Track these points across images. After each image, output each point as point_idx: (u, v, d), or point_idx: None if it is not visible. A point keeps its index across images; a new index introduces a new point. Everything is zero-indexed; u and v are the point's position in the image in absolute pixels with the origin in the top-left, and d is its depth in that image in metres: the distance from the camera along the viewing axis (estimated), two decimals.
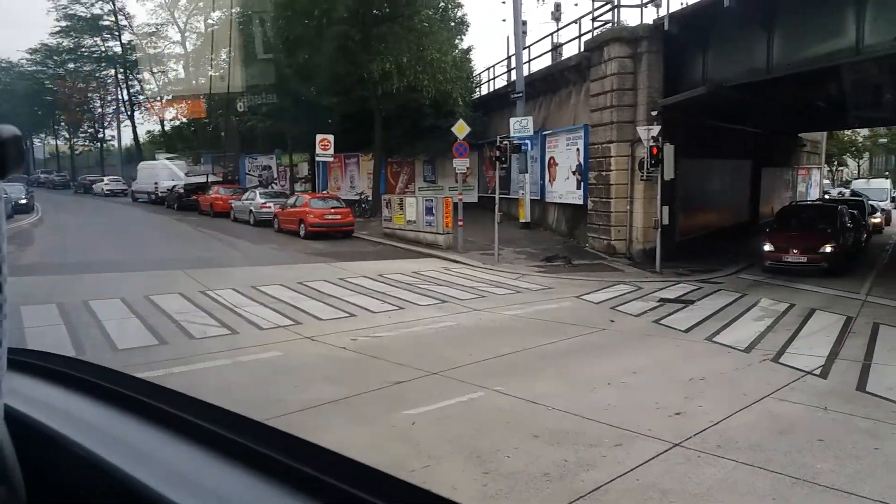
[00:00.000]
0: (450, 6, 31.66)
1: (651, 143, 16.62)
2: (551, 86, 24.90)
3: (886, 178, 42.47)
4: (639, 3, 18.88)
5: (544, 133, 24.28)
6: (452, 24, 32.29)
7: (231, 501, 0.72)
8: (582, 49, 21.87)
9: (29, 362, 1.17)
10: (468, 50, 34.33)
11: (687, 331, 10.48)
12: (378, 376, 7.75)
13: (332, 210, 22.22)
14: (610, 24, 20.33)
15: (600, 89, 19.42)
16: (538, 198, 24.73)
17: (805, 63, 14.02)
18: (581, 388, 7.52)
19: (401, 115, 29.55)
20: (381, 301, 12.35)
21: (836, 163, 65.71)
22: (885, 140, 60.27)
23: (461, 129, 19.82)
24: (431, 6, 29.44)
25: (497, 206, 18.16)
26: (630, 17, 20.47)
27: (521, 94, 24.82)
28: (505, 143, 18.08)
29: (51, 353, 1.35)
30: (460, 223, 19.60)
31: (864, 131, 61.47)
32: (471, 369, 8.12)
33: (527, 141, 23.39)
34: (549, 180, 23.75)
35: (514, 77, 26.91)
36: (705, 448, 5.82)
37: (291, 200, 23.64)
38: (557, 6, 34.04)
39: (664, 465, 5.53)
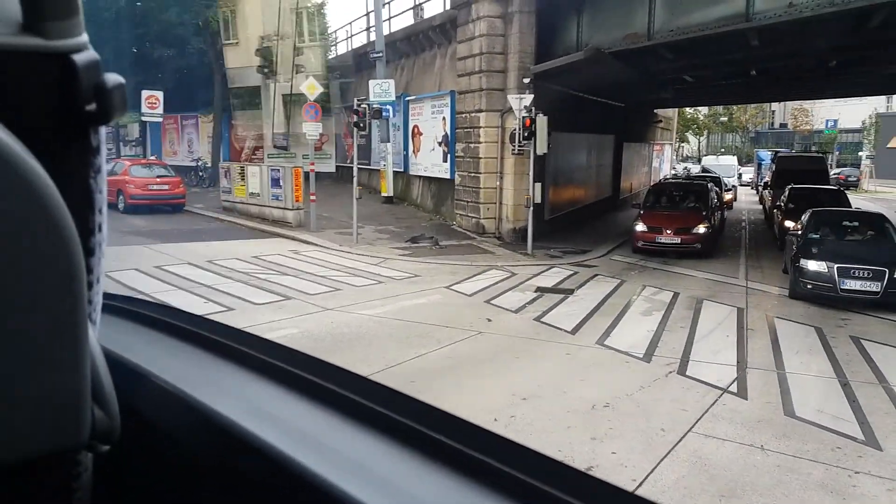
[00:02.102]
0: None
1: (524, 114, 15.08)
2: (414, 47, 22.81)
3: (734, 156, 44.61)
4: None
5: (407, 99, 22.22)
6: None
7: (310, 434, 0.74)
8: (447, 7, 19.95)
9: (113, 305, 1.21)
10: (322, 4, 31.34)
11: (574, 331, 8.98)
12: None
13: (159, 179, 18.92)
14: None
15: (468, 52, 17.62)
16: (401, 170, 22.73)
17: (690, 30, 12.93)
18: None
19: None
20: (205, 299, 9.85)
21: (678, 139, 69.14)
22: (725, 119, 63.97)
23: (312, 88, 17.30)
24: None
25: (356, 179, 15.93)
26: None
27: (380, 54, 22.53)
28: (363, 106, 15.82)
29: (134, 298, 1.38)
30: (313, 197, 17.20)
31: (705, 110, 65.03)
32: None
33: (388, 107, 21.25)
34: (414, 151, 21.79)
35: (373, 37, 24.56)
36: None
37: (109, 167, 19.89)
38: None
39: None
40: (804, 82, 21.06)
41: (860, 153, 52.35)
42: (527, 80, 16.16)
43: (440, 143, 19.79)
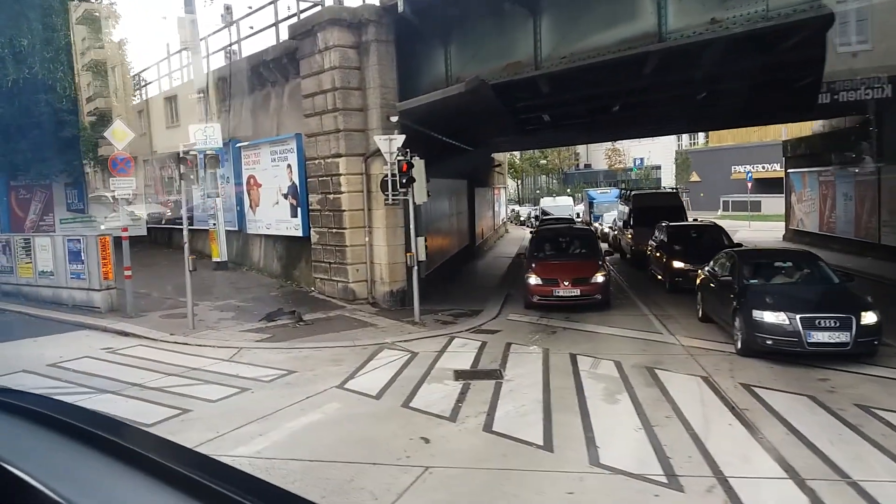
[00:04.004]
0: None
1: (399, 158, 12.67)
2: (242, 87, 19.63)
3: (569, 196, 45.44)
4: None
5: (239, 145, 18.90)
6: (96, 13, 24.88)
7: None
8: (282, 38, 17.19)
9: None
10: (121, 43, 26.96)
11: (549, 446, 6.46)
12: None
13: None
14: (320, 7, 15.97)
15: (317, 87, 14.93)
16: (235, 228, 19.24)
17: (586, 55, 11.32)
18: None
19: (26, 121, 21.28)
20: None
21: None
22: (544, 161, 66.28)
23: (120, 134, 13.56)
24: None
25: (187, 246, 12.39)
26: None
27: (200, 95, 19.20)
28: (193, 154, 12.47)
29: (14, 390, 1.33)
30: (128, 272, 13.31)
31: (518, 153, 66.98)
32: None
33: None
34: (251, 206, 18.43)
35: (190, 75, 21.04)
36: None
37: None
38: (228, 8, 28.60)
39: None
40: (664, 116, 20.80)
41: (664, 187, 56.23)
42: (394, 119, 13.84)
43: (286, 196, 16.71)
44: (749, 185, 39.36)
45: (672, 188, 27.21)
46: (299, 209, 16.10)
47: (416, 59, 14.78)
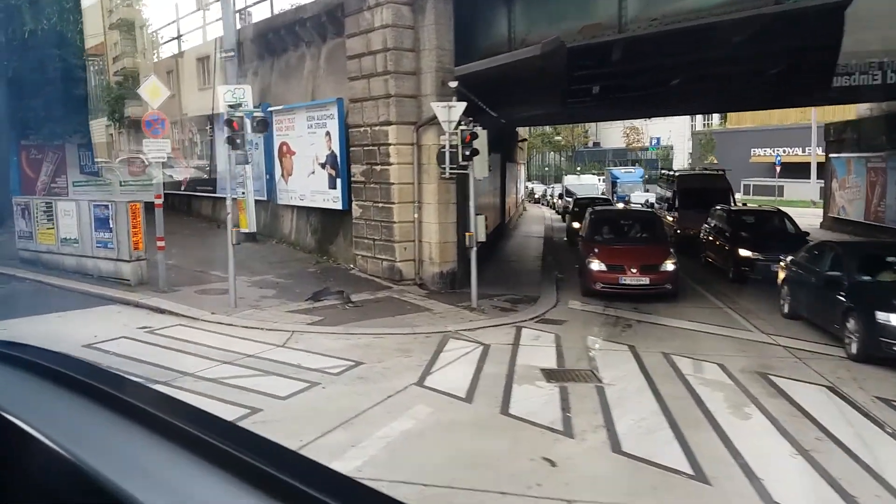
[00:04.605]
0: None
1: (462, 128, 11.53)
2: (273, 47, 18.39)
3: (594, 174, 44.26)
4: None
5: (270, 109, 17.65)
6: None
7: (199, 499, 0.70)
8: None
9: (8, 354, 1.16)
10: None
11: (702, 477, 5.42)
12: None
13: None
14: None
15: (365, 48, 13.72)
16: (264, 198, 18.08)
17: (686, 16, 10.13)
18: None
19: (41, 77, 20.03)
20: None
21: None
22: (559, 138, 64.84)
23: (154, 91, 12.40)
24: None
25: (230, 220, 11.29)
26: None
27: (232, 54, 17.98)
28: (240, 114, 11.29)
29: (22, 344, 1.29)
30: (161, 243, 12.22)
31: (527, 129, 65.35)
32: None
33: (245, 119, 16.67)
34: (283, 175, 17.25)
35: (211, 35, 19.78)
36: None
37: None
38: None
39: None
40: (729, 91, 19.55)
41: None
42: (452, 85, 12.61)
43: (324, 166, 15.53)
44: (777, 168, 38.22)
45: (719, 169, 26.07)
46: (339, 180, 14.95)
47: (473, 20, 13.55)
